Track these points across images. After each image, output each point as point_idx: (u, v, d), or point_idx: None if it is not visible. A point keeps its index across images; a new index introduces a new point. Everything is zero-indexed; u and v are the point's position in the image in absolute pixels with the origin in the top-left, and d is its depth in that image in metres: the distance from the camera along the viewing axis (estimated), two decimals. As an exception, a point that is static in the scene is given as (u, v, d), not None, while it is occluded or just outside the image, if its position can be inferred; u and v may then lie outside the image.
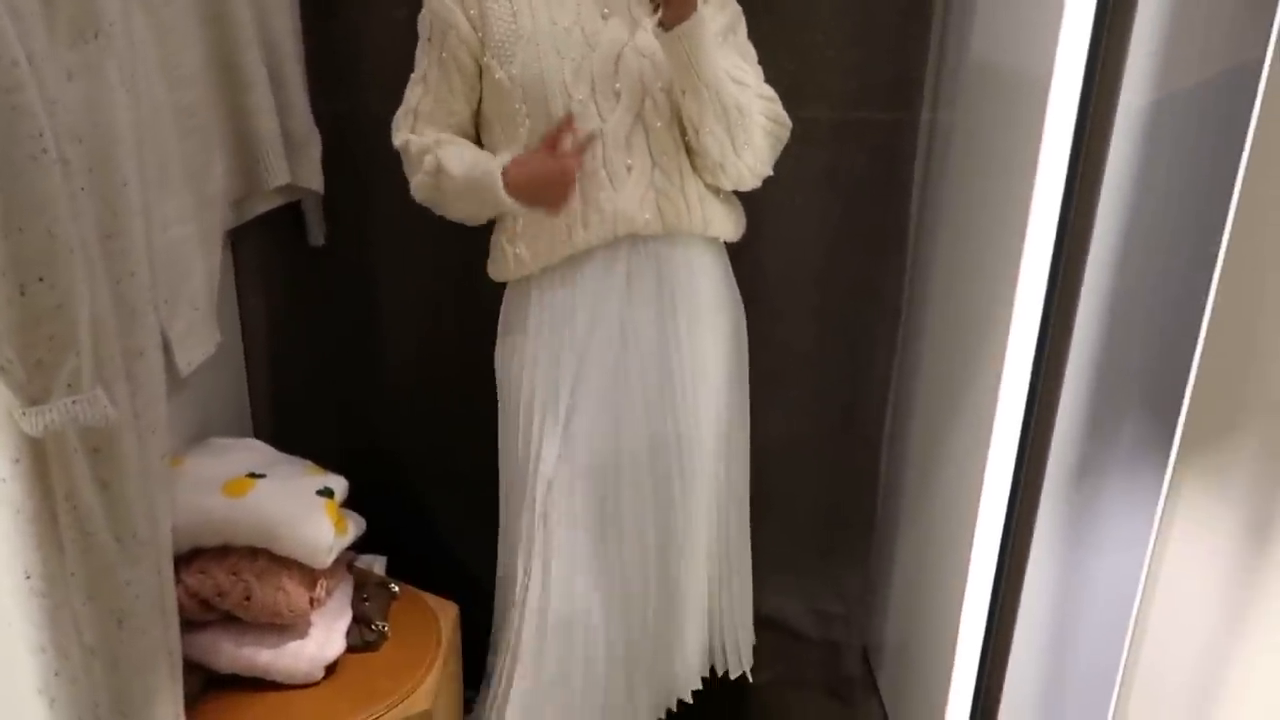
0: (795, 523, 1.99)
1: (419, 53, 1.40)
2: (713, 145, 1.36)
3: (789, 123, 1.44)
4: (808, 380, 1.89)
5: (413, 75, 1.41)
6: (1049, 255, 1.39)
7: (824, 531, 1.99)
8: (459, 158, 1.34)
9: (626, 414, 1.44)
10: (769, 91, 1.43)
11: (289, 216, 1.77)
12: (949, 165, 1.77)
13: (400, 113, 1.41)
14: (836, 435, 1.92)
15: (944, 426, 1.75)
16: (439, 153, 1.35)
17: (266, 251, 1.76)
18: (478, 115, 1.42)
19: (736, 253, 1.56)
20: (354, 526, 1.48)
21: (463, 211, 1.40)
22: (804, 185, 1.75)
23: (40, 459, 1.01)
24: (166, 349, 1.35)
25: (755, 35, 1.48)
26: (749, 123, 1.36)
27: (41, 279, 0.92)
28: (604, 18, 1.34)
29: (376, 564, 1.70)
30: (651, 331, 1.43)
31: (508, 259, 1.43)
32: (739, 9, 1.45)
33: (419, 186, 1.40)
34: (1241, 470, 1.56)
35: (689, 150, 1.39)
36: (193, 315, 1.42)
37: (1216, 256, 1.47)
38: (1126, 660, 1.70)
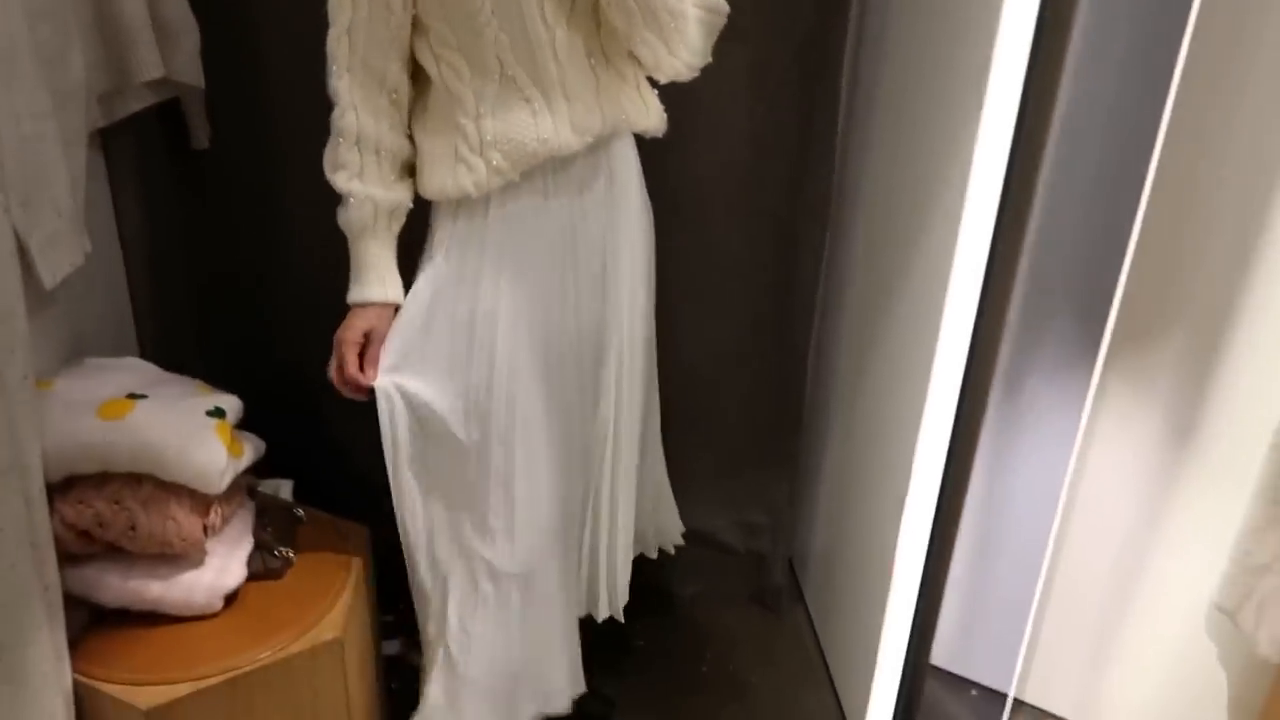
0: (721, 436, 1.95)
1: None
2: (647, 54, 1.29)
3: (725, 8, 1.33)
4: (732, 288, 1.83)
5: None
6: (1003, 163, 1.32)
7: (750, 443, 1.96)
8: (361, 223, 1.28)
9: (575, 318, 1.38)
10: None
11: (169, 116, 1.62)
12: (881, 59, 1.69)
13: (332, 38, 1.22)
14: (762, 344, 1.88)
15: (874, 335, 1.71)
16: (357, 203, 1.27)
17: (144, 154, 1.61)
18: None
19: (660, 156, 1.47)
20: (251, 449, 1.39)
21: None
22: (729, 83, 1.66)
23: None
24: (25, 259, 1.22)
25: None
26: (682, 23, 1.27)
27: None
28: None
29: (282, 488, 1.61)
30: (597, 231, 1.36)
31: (478, 170, 1.26)
32: None
33: (333, 172, 1.27)
34: (1165, 373, 1.56)
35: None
36: (56, 222, 1.29)
37: (1148, 169, 1.45)
38: (1051, 554, 1.72)
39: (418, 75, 1.28)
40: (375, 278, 1.29)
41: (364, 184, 1.26)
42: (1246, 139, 1.39)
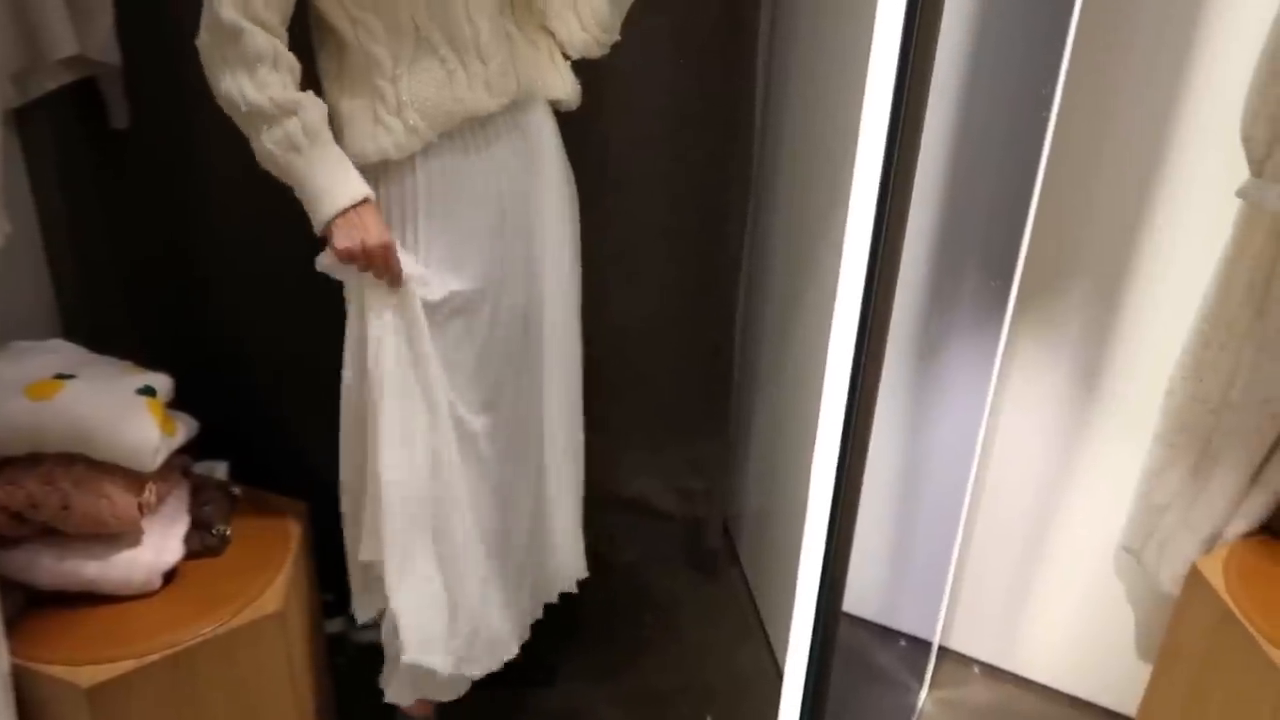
0: (654, 403, 1.99)
1: None
2: (560, 26, 1.37)
3: None
4: (660, 257, 1.86)
5: None
6: (886, 121, 1.38)
7: (682, 410, 2.00)
8: (315, 125, 1.19)
9: (502, 282, 1.40)
10: None
11: (86, 95, 1.59)
12: (796, 26, 1.74)
13: None
14: (691, 312, 1.92)
15: (795, 299, 1.76)
16: (309, 105, 1.18)
17: (62, 134, 1.58)
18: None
19: (584, 126, 1.50)
20: (184, 427, 1.39)
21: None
22: (651, 53, 1.69)
23: None
24: (-58, 240, 1.20)
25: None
26: (596, 1, 1.36)
27: None
28: None
29: (218, 469, 1.61)
30: (518, 194, 1.38)
31: (395, 130, 1.26)
32: None
33: (259, 92, 1.18)
34: (1069, 327, 1.64)
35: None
36: (-27, 203, 1.27)
37: (1048, 122, 1.52)
38: (969, 506, 1.80)
39: (331, 39, 1.28)
40: (355, 173, 1.23)
41: (297, 92, 1.20)
42: (1138, 94, 1.47)
